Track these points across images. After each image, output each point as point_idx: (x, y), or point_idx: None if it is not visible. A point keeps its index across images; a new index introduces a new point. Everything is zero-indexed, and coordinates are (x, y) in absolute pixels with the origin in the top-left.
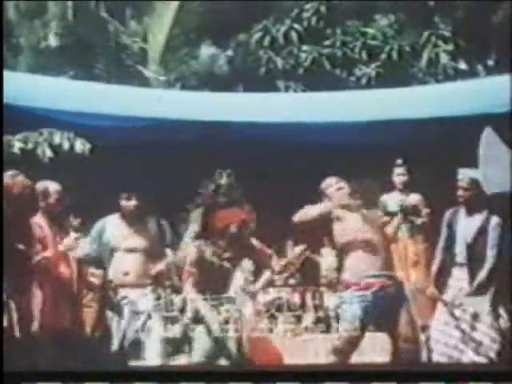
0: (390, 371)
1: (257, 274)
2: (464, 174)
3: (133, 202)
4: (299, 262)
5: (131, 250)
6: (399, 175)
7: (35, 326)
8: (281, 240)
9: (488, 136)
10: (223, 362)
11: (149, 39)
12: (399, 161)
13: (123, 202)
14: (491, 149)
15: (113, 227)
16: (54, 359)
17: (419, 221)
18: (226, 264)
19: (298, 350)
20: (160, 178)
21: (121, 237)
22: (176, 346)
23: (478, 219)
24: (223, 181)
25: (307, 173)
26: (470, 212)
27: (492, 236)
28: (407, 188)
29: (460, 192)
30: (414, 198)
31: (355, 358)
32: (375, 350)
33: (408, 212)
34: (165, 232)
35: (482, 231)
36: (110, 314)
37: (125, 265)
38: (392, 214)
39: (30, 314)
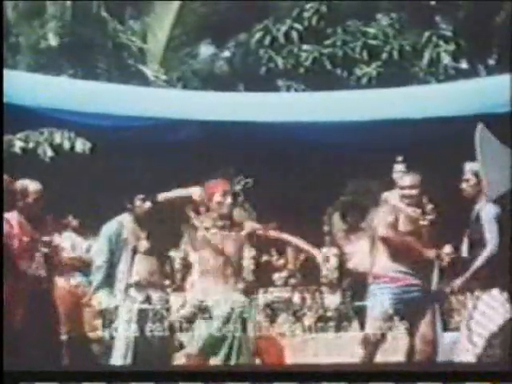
0: (390, 371)
1: None
2: (469, 168)
3: (147, 204)
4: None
5: (151, 251)
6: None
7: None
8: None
9: (481, 134)
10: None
11: (149, 39)
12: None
13: (137, 203)
14: (487, 147)
15: (129, 228)
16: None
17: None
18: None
19: (298, 349)
20: (160, 177)
21: (138, 238)
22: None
23: (475, 209)
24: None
25: (307, 172)
26: (472, 204)
27: (488, 223)
28: None
29: (464, 185)
30: None
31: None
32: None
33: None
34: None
35: (477, 219)
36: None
37: (149, 265)
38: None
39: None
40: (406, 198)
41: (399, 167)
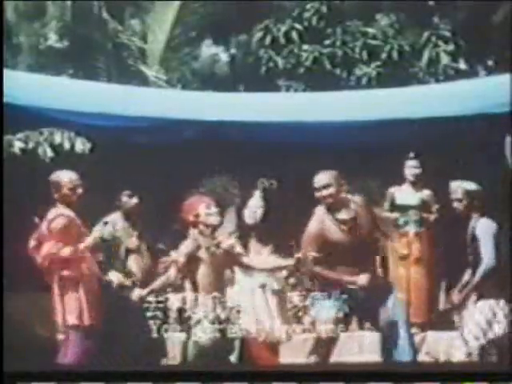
0: (388, 371)
1: None
2: (457, 186)
3: (134, 200)
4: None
5: (137, 250)
6: (411, 168)
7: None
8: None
9: None
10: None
11: (149, 39)
12: (411, 154)
13: (124, 199)
14: None
15: (118, 227)
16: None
17: (431, 217)
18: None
19: (298, 349)
20: (160, 177)
21: (127, 236)
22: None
23: (470, 225)
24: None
25: (308, 173)
26: (466, 221)
27: (483, 237)
28: (420, 182)
29: (455, 204)
30: (425, 194)
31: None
32: (363, 348)
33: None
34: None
35: (474, 237)
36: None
37: (134, 265)
38: (399, 208)
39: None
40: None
41: (411, 163)
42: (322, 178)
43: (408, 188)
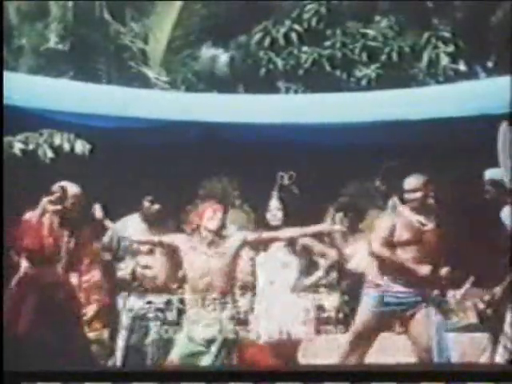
0: (390, 371)
1: None
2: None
3: (155, 206)
4: None
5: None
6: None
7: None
8: None
9: (504, 132)
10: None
11: (150, 40)
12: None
13: (146, 204)
14: (508, 144)
15: (135, 229)
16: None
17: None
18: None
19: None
20: (160, 179)
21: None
22: None
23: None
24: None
25: (307, 174)
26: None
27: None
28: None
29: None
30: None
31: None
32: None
33: None
34: None
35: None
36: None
37: (153, 269)
38: None
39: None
40: (409, 202)
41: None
42: (411, 181)
43: None
